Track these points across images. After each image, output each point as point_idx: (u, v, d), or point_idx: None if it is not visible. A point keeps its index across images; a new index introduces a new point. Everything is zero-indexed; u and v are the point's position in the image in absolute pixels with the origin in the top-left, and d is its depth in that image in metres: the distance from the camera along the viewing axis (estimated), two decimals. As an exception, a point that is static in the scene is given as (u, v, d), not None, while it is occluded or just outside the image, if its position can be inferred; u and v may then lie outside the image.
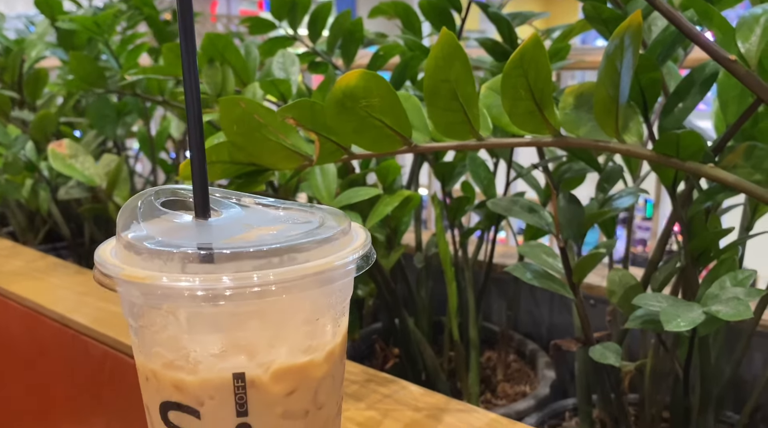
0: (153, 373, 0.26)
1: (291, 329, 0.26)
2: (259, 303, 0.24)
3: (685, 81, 0.57)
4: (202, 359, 0.25)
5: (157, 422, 0.27)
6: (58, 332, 0.84)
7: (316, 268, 0.25)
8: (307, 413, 0.27)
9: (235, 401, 0.25)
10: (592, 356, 0.56)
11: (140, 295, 0.25)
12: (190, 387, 0.25)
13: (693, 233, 0.57)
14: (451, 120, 0.50)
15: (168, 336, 0.25)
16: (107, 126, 1.08)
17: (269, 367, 0.25)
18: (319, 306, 0.26)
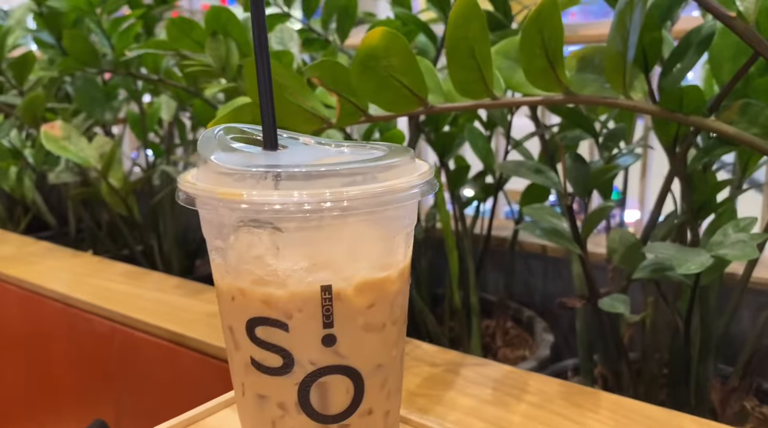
0: (241, 291, 0.27)
1: (370, 246, 0.27)
2: (344, 220, 0.26)
3: (682, 43, 0.60)
4: (291, 273, 0.26)
5: (242, 340, 0.28)
6: (60, 312, 0.84)
7: (391, 187, 0.26)
8: (384, 326, 0.28)
9: (322, 312, 0.27)
10: (602, 307, 0.59)
11: (234, 213, 0.26)
12: (279, 301, 0.27)
13: (694, 187, 0.60)
14: (468, 78, 0.52)
15: (257, 253, 0.26)
16: (96, 109, 1.08)
17: (352, 280, 0.27)
18: (393, 226, 0.28)
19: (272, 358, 0.27)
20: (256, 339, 0.27)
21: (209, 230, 0.28)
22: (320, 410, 0.28)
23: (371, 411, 0.29)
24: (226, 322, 0.29)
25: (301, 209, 0.25)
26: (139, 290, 0.83)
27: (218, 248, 0.28)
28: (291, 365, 0.27)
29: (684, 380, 0.67)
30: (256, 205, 0.25)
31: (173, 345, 0.72)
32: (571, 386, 0.57)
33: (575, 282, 0.79)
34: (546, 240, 0.60)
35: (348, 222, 0.26)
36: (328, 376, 0.28)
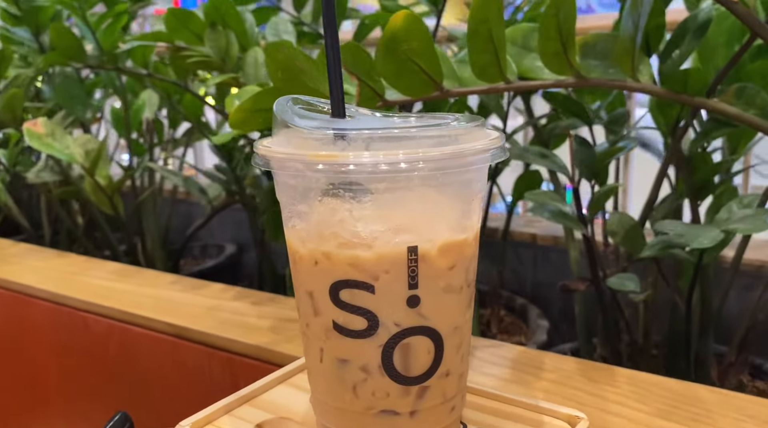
0: (326, 255, 0.27)
1: (451, 208, 0.28)
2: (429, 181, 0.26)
3: (679, 29, 0.62)
4: (379, 235, 0.26)
5: (324, 304, 0.28)
6: (51, 311, 0.82)
7: (474, 149, 0.27)
8: (461, 289, 0.29)
9: (408, 274, 0.27)
10: (611, 286, 0.60)
11: (324, 175, 0.26)
12: (366, 264, 0.27)
13: (695, 168, 0.62)
14: (485, 62, 0.53)
15: (343, 216, 0.26)
16: (77, 106, 1.05)
17: (436, 242, 0.27)
18: (471, 189, 0.28)
19: (356, 321, 0.28)
20: (340, 303, 0.28)
21: (291, 195, 0.28)
22: (403, 371, 0.28)
23: (449, 372, 0.29)
24: (304, 288, 0.29)
25: (395, 169, 0.25)
26: (134, 287, 0.82)
27: (302, 213, 0.28)
28: (375, 327, 0.28)
29: (685, 356, 0.69)
30: (349, 166, 0.25)
31: (176, 339, 0.71)
32: (586, 363, 0.58)
33: (572, 268, 0.81)
34: (553, 221, 0.62)
35: (432, 184, 0.27)
36: (411, 337, 0.28)
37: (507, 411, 0.33)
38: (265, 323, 0.69)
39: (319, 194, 0.27)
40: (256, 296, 0.77)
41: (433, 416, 0.30)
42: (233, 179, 0.98)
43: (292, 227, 0.29)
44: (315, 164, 0.26)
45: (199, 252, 1.31)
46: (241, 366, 0.66)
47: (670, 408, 0.50)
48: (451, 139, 0.27)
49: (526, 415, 0.32)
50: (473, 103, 0.90)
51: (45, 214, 1.27)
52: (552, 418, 0.32)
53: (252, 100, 0.51)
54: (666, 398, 0.52)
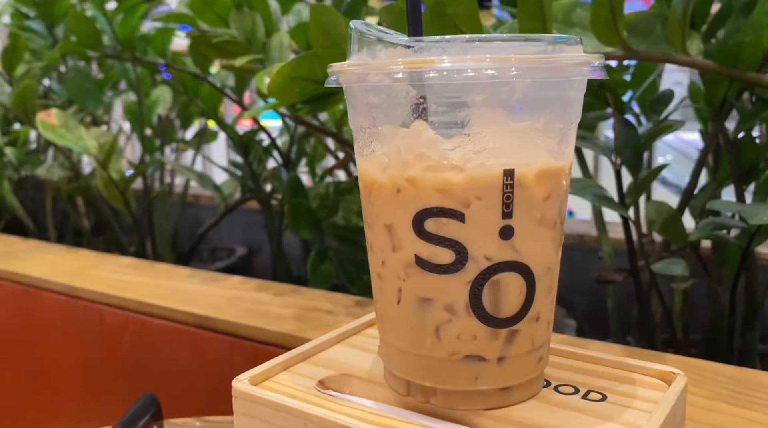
0: (410, 181, 0.25)
1: (552, 130, 0.25)
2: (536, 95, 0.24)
3: (724, 7, 0.60)
4: (472, 156, 0.24)
5: (406, 237, 0.25)
6: (65, 304, 0.79)
7: (578, 59, 0.24)
8: (555, 224, 0.26)
9: (503, 201, 0.24)
10: (656, 270, 0.58)
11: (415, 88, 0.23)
12: (456, 188, 0.24)
13: (742, 150, 0.60)
14: (533, 30, 0.51)
15: (432, 137, 0.24)
16: (89, 101, 1.03)
17: (534, 166, 0.25)
18: (570, 110, 0.26)
19: (443, 254, 0.25)
20: (425, 234, 0.25)
21: (374, 116, 0.26)
22: (492, 312, 0.26)
23: (539, 317, 0.27)
24: (382, 221, 0.26)
25: (500, 74, 0.23)
26: (151, 280, 0.79)
27: (384, 135, 0.25)
28: (464, 260, 0.25)
29: (727, 351, 0.66)
30: (448, 72, 0.23)
31: (197, 330, 0.68)
32: (633, 349, 0.56)
33: (606, 262, 0.79)
34: (597, 204, 0.59)
35: (539, 98, 0.24)
36: (502, 273, 0.25)
37: (595, 370, 0.30)
38: (289, 312, 0.66)
39: (407, 110, 0.24)
40: (277, 287, 0.74)
41: (521, 365, 0.27)
42: (249, 175, 0.96)
43: (371, 154, 0.26)
44: (404, 73, 0.23)
45: (208, 255, 1.28)
46: (266, 355, 0.62)
47: (730, 392, 0.47)
48: (556, 49, 0.25)
49: (617, 373, 0.30)
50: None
51: (50, 215, 1.24)
52: (642, 375, 0.29)
53: (291, 65, 0.49)
54: (724, 383, 0.49)
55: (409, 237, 0.25)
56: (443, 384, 0.27)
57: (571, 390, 0.28)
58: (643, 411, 0.26)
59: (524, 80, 0.23)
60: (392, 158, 0.25)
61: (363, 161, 0.27)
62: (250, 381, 0.29)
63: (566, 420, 0.26)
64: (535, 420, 0.26)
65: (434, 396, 0.27)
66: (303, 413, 0.26)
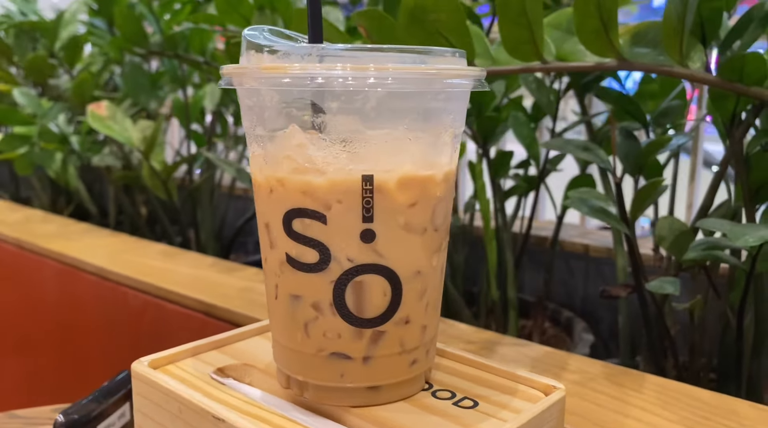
0: (280, 182, 0.26)
1: (416, 140, 0.26)
2: (389, 104, 0.25)
3: (744, 18, 0.58)
4: (332, 161, 0.25)
5: (277, 236, 0.27)
6: (96, 285, 0.84)
7: (440, 71, 0.25)
8: (425, 230, 0.27)
9: (362, 205, 0.25)
10: (650, 289, 0.56)
11: (277, 93, 0.25)
12: (318, 191, 0.25)
13: (752, 168, 0.57)
14: (518, 37, 0.51)
15: (298, 140, 0.25)
16: (141, 95, 1.09)
17: (395, 174, 0.25)
18: (441, 121, 0.26)
19: (309, 253, 0.26)
20: (293, 233, 0.26)
21: (250, 118, 0.27)
22: (356, 312, 0.26)
23: (408, 320, 0.27)
24: (262, 219, 0.28)
25: (345, 82, 0.23)
26: (174, 267, 0.83)
27: (258, 136, 0.27)
28: (327, 261, 0.26)
29: (735, 377, 0.63)
30: (300, 79, 0.24)
31: (204, 317, 0.71)
32: (614, 367, 0.54)
33: (619, 276, 0.76)
34: (592, 216, 0.58)
35: (395, 107, 0.25)
36: (365, 275, 0.26)
37: (481, 377, 0.30)
38: (290, 306, 0.68)
39: (274, 115, 0.26)
40: (288, 281, 0.76)
41: (390, 365, 0.27)
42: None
43: (252, 154, 0.27)
44: (264, 78, 0.24)
45: (252, 247, 1.32)
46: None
47: (699, 418, 0.46)
48: (419, 60, 0.25)
49: (501, 382, 0.30)
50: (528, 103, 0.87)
51: (113, 202, 1.32)
52: (527, 387, 0.29)
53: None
54: (695, 408, 0.47)
55: (282, 236, 0.27)
56: (313, 379, 0.28)
57: (447, 395, 0.28)
58: (501, 420, 0.26)
59: (377, 90, 0.24)
60: (267, 159, 0.26)
61: (251, 160, 0.28)
62: (150, 364, 0.31)
63: (425, 424, 0.26)
64: (395, 421, 0.26)
65: (307, 390, 0.28)
66: (179, 397, 0.28)
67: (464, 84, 0.25)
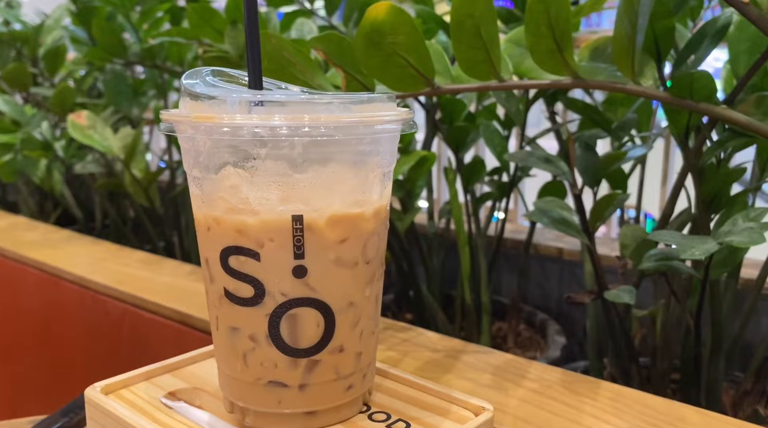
0: (215, 220, 0.27)
1: (343, 180, 0.27)
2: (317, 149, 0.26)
3: (697, 34, 0.59)
4: (264, 202, 0.26)
5: (216, 271, 0.28)
6: (77, 294, 0.85)
7: (366, 119, 0.26)
8: (356, 264, 0.28)
9: (293, 243, 0.27)
10: (608, 298, 0.58)
11: (209, 139, 0.26)
12: (251, 230, 0.27)
13: (705, 179, 0.59)
14: (474, 58, 0.52)
15: (231, 182, 0.27)
16: (123, 103, 1.10)
17: (324, 213, 0.27)
18: (368, 162, 0.28)
19: (244, 288, 0.28)
20: (230, 269, 0.28)
21: (188, 160, 0.29)
22: (290, 343, 0.28)
23: (342, 349, 0.29)
24: (203, 254, 0.29)
25: (275, 133, 0.25)
26: (153, 275, 0.84)
27: (195, 177, 0.28)
28: (262, 295, 0.27)
29: (695, 381, 0.65)
30: (230, 128, 0.25)
31: (180, 326, 0.72)
32: (573, 375, 0.56)
33: (587, 281, 0.78)
34: (552, 228, 0.60)
35: (321, 153, 0.26)
36: (298, 308, 0.28)
37: (419, 398, 0.32)
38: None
39: (208, 158, 0.27)
40: (264, 290, 0.78)
41: (326, 392, 0.29)
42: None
43: (192, 194, 0.29)
44: (196, 125, 0.26)
45: (237, 251, 1.33)
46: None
47: (649, 426, 0.48)
48: (344, 109, 0.27)
49: (437, 403, 0.31)
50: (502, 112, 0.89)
51: (98, 207, 1.33)
52: (460, 407, 0.31)
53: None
54: (647, 415, 0.49)
55: (219, 271, 0.28)
56: (252, 406, 0.29)
57: (382, 418, 0.30)
58: (428, 444, 0.28)
59: (302, 139, 0.25)
60: (204, 198, 0.28)
61: (191, 198, 0.30)
62: (102, 390, 0.32)
63: (356, 447, 0.28)
64: (329, 445, 0.28)
65: (248, 416, 0.30)
66: (126, 424, 0.29)
67: (391, 129, 0.27)
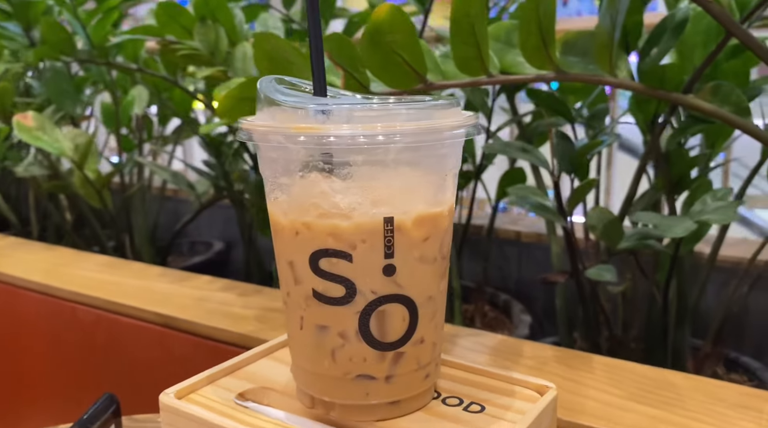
0: (306, 225, 0.28)
1: (428, 183, 0.29)
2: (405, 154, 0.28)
3: (657, 28, 0.64)
4: (357, 206, 0.28)
5: (304, 273, 0.29)
6: (39, 302, 0.82)
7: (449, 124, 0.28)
8: (435, 260, 0.30)
9: (384, 243, 0.28)
10: (590, 276, 0.62)
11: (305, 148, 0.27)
12: (344, 233, 0.28)
13: (672, 163, 0.64)
14: (468, 55, 0.54)
15: (324, 188, 0.28)
16: (66, 101, 1.06)
17: (411, 214, 0.28)
18: (445, 164, 0.30)
19: (335, 288, 0.29)
20: (320, 271, 0.29)
21: (274, 169, 0.29)
22: (379, 337, 0.30)
23: (423, 340, 0.31)
24: (285, 258, 0.30)
25: (372, 141, 0.26)
26: (122, 279, 0.82)
27: (283, 185, 0.29)
28: (353, 294, 0.29)
29: (662, 347, 0.71)
30: (329, 138, 0.27)
31: (164, 329, 0.72)
32: (565, 351, 0.60)
33: (554, 262, 0.83)
34: (534, 213, 0.63)
35: (411, 157, 0.28)
36: (387, 305, 0.29)
37: (481, 382, 0.34)
38: (251, 312, 0.70)
39: (300, 166, 0.28)
40: (243, 287, 0.78)
41: (408, 382, 0.31)
42: (221, 175, 0.99)
43: (275, 200, 0.30)
44: (296, 136, 0.27)
45: (187, 249, 1.31)
46: (227, 354, 0.66)
47: (643, 392, 0.52)
48: (427, 115, 0.28)
49: (499, 386, 0.34)
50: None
51: (33, 210, 1.28)
52: (523, 388, 0.34)
53: (239, 88, 0.53)
54: (640, 383, 0.53)
55: (307, 273, 0.29)
56: (339, 399, 0.31)
57: (456, 402, 0.32)
58: (511, 422, 0.30)
59: (396, 145, 0.27)
60: (291, 205, 0.29)
61: (270, 205, 0.31)
62: (175, 395, 0.33)
63: (443, 431, 0.30)
64: (418, 431, 0.30)
65: (333, 410, 0.31)
66: (216, 425, 0.30)
67: (469, 133, 0.29)
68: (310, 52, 0.31)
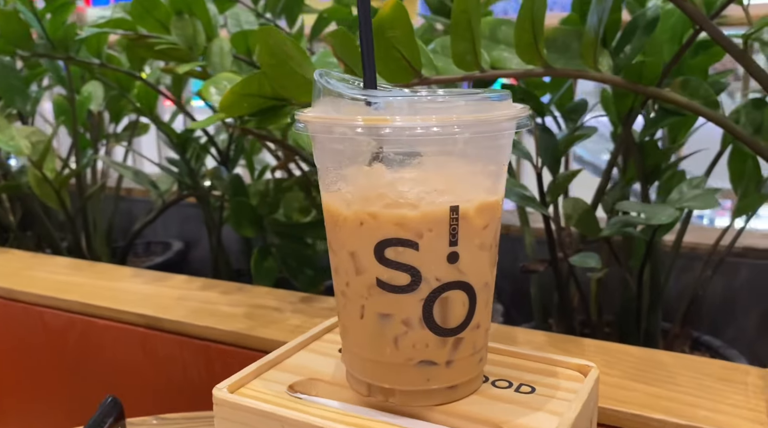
0: (371, 216, 0.29)
1: (488, 172, 0.30)
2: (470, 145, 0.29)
3: (629, 25, 0.67)
4: (424, 196, 0.28)
5: (368, 263, 0.30)
6: (3, 307, 0.79)
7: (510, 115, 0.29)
8: (491, 247, 0.31)
9: (449, 232, 0.29)
10: (574, 263, 0.65)
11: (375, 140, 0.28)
12: (411, 222, 0.29)
13: (647, 154, 0.67)
14: (465, 50, 0.56)
15: (391, 178, 0.28)
16: (16, 97, 1.02)
17: (474, 202, 0.29)
18: (503, 154, 0.31)
19: (400, 277, 0.29)
20: (385, 260, 0.29)
21: (338, 160, 0.30)
22: (441, 324, 0.30)
23: (479, 325, 0.32)
24: (347, 249, 0.31)
25: (446, 131, 0.27)
26: (92, 281, 0.80)
27: (348, 176, 0.29)
28: (418, 282, 0.30)
29: (635, 331, 0.74)
30: (401, 130, 0.27)
31: (146, 330, 0.70)
32: (556, 336, 0.62)
33: (527, 252, 0.86)
34: (520, 204, 0.65)
35: (476, 147, 0.29)
36: (450, 291, 0.30)
37: (524, 365, 0.36)
38: (238, 310, 0.69)
39: (368, 157, 0.29)
40: (224, 285, 0.77)
41: (465, 366, 0.32)
42: (187, 172, 0.97)
43: (337, 191, 0.30)
44: (364, 128, 0.27)
45: (143, 250, 1.28)
46: (217, 352, 0.66)
47: (638, 372, 0.54)
48: (485, 107, 0.29)
49: (542, 368, 0.35)
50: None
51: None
52: (565, 369, 0.35)
53: (242, 85, 0.52)
54: (631, 363, 0.56)
55: (371, 263, 0.30)
56: (400, 386, 0.31)
57: (505, 385, 0.33)
58: (564, 400, 0.32)
59: (464, 135, 0.28)
60: (356, 195, 0.29)
61: (329, 196, 0.31)
62: (228, 389, 0.33)
63: (503, 412, 0.31)
64: (477, 413, 0.31)
65: (392, 396, 0.32)
66: (280, 416, 0.30)
67: (522, 124, 0.30)
68: (360, 47, 0.31)
